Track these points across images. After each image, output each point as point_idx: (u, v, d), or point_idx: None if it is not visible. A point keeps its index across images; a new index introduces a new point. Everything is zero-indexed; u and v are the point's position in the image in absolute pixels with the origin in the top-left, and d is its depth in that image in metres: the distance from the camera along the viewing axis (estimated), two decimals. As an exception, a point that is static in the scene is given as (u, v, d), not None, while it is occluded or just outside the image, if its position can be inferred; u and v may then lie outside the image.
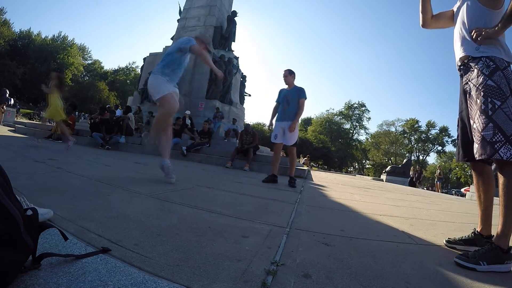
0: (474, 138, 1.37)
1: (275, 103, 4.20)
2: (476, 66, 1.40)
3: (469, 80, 1.43)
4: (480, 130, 1.30)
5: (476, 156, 1.34)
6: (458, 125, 1.59)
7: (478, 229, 1.54)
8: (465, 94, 1.48)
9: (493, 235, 1.43)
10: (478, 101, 1.34)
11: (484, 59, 1.38)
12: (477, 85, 1.36)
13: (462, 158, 1.56)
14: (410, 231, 1.86)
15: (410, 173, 14.93)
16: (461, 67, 1.52)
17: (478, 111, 1.33)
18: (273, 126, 4.10)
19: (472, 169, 1.59)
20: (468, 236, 1.55)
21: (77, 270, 0.78)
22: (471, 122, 1.39)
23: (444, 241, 1.60)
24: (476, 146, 1.34)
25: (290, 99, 3.95)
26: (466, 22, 1.49)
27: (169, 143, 2.99)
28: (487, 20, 1.42)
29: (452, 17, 1.68)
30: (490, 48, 1.39)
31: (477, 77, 1.37)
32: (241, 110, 13.43)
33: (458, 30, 1.55)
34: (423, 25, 1.80)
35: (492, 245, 1.25)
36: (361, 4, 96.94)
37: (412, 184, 13.52)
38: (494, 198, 1.51)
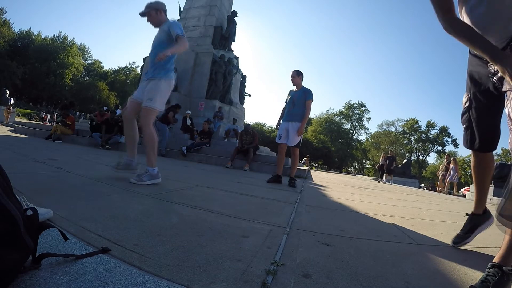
0: None
1: (284, 103, 4.20)
2: None
3: None
4: None
5: None
6: (470, 106, 1.39)
7: (472, 211, 1.52)
8: (488, 75, 1.23)
9: (487, 210, 1.42)
10: None
11: None
12: None
13: (479, 147, 1.35)
14: (410, 231, 1.86)
15: (380, 160, 13.22)
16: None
17: None
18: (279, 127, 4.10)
19: (475, 154, 1.47)
20: (466, 224, 1.54)
21: (77, 270, 0.78)
22: (507, 110, 1.12)
23: (452, 244, 1.57)
24: None
25: (296, 100, 3.93)
26: None
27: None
28: None
29: None
30: None
31: None
32: (241, 110, 13.43)
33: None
34: None
35: (502, 270, 1.03)
36: (361, 3, 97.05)
37: (382, 174, 12.10)
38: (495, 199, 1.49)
